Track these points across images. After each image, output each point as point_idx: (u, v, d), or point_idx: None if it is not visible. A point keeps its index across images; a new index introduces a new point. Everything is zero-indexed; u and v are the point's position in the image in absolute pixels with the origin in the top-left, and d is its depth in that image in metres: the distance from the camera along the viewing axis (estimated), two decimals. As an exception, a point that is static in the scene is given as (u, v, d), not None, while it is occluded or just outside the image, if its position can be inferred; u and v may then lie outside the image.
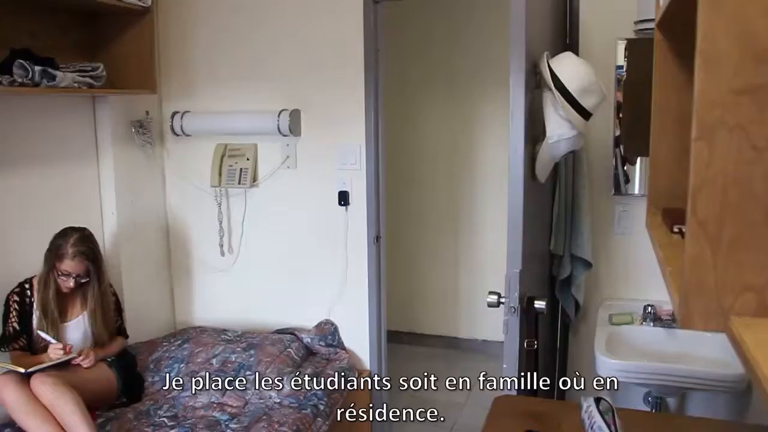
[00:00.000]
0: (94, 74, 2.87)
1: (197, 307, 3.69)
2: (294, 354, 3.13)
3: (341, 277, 3.33)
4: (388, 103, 3.30)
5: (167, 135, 3.54)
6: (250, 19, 3.32)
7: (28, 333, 2.70)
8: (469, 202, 4.64)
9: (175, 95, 3.50)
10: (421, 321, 4.87)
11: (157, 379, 3.01)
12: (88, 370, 2.69)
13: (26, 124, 2.90)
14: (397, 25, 4.17)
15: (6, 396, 2.47)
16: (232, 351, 3.09)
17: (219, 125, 3.40)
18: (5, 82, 2.51)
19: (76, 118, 3.17)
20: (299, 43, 3.24)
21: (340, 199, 3.26)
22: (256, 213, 3.46)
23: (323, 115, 3.26)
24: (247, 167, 3.35)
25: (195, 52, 3.45)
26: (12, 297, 2.71)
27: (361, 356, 3.38)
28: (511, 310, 1.96)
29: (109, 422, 2.66)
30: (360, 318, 3.33)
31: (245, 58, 3.36)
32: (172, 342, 3.25)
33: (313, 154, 3.30)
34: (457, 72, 4.52)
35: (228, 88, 3.41)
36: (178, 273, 3.70)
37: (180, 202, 3.62)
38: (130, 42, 3.10)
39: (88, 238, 2.74)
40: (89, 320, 2.78)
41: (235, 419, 2.71)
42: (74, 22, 3.06)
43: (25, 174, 2.91)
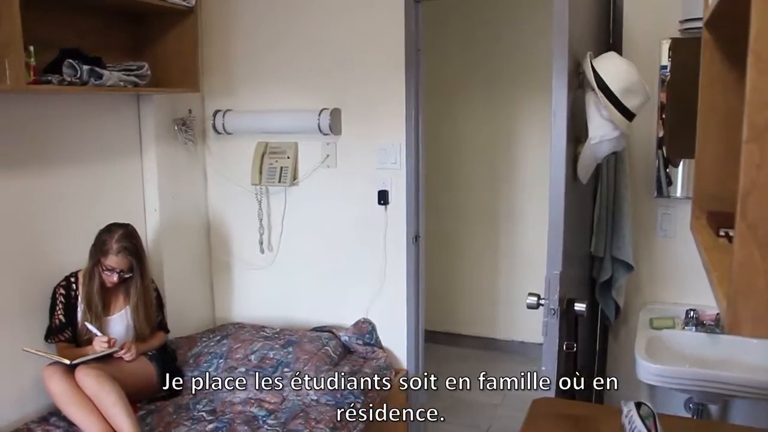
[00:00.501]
0: (139, 73, 2.92)
1: (236, 303, 3.73)
2: (331, 352, 3.15)
3: (380, 276, 3.33)
4: (427, 102, 3.29)
5: (209, 133, 3.59)
6: (292, 19, 3.34)
7: (73, 325, 2.77)
8: (509, 203, 4.62)
9: (218, 94, 3.54)
10: (459, 321, 4.85)
11: (196, 373, 3.05)
12: (130, 364, 2.74)
13: (73, 122, 2.97)
14: (437, 25, 4.16)
15: (52, 386, 2.54)
16: (271, 348, 3.12)
17: (260, 124, 3.43)
18: (55, 81, 2.57)
19: (121, 116, 3.23)
20: (340, 42, 3.26)
21: (379, 198, 3.26)
22: (295, 211, 3.48)
23: (363, 114, 3.27)
24: (288, 166, 3.38)
25: (237, 50, 3.49)
26: (58, 290, 2.78)
27: (398, 355, 3.38)
28: (551, 311, 1.95)
29: (149, 415, 2.71)
30: (398, 317, 3.33)
31: (286, 57, 3.39)
32: (211, 338, 3.29)
33: (353, 153, 3.32)
34: (497, 72, 4.50)
35: (269, 86, 3.44)
36: (218, 270, 3.75)
37: (221, 200, 3.66)
38: (174, 41, 3.15)
39: (132, 234, 2.79)
40: (132, 314, 2.83)
41: (273, 415, 2.74)
42: (120, 22, 3.12)
43: (72, 170, 2.97)
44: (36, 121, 2.79)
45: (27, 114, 2.75)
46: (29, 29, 2.29)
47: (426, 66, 3.25)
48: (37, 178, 2.81)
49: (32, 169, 2.78)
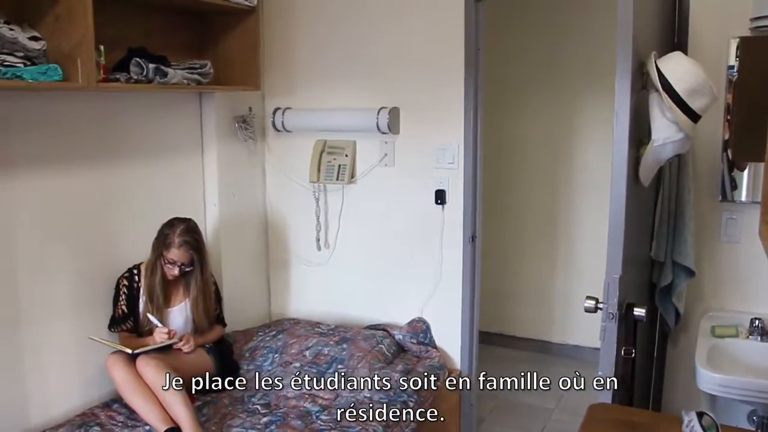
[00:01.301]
0: (202, 71, 2.99)
1: (292, 299, 3.78)
2: (385, 350, 3.16)
3: (435, 276, 3.33)
4: (485, 101, 3.27)
5: (269, 130, 3.65)
6: (352, 18, 3.37)
7: (135, 316, 2.85)
8: (567, 205, 4.55)
9: (277, 92, 3.59)
10: (513, 323, 4.81)
11: (251, 367, 3.10)
12: (188, 355, 2.81)
13: (138, 119, 3.05)
14: (497, 23, 4.13)
15: (115, 374, 2.63)
16: (325, 344, 3.15)
17: (319, 122, 3.47)
18: (122, 79, 2.65)
19: (184, 113, 3.31)
20: (400, 41, 3.27)
21: (436, 198, 3.26)
22: (352, 209, 3.51)
23: (422, 114, 3.27)
24: (346, 164, 3.40)
25: (297, 49, 3.53)
26: (122, 281, 2.86)
27: (452, 355, 3.38)
28: (609, 316, 1.91)
29: (206, 406, 2.77)
30: (452, 317, 3.32)
31: (346, 56, 3.41)
32: (267, 332, 3.34)
33: (410, 152, 3.32)
34: (558, 72, 4.44)
35: (328, 85, 3.47)
36: (275, 265, 3.80)
37: (279, 197, 3.71)
38: (236, 40, 3.20)
39: (194, 229, 2.85)
40: (191, 307, 2.89)
41: (326, 411, 2.76)
42: (185, 21, 3.19)
43: (136, 166, 3.06)
44: (104, 117, 2.88)
45: (96, 111, 2.84)
46: (99, 30, 2.37)
47: (485, 65, 3.23)
48: (104, 172, 2.90)
49: (99, 163, 2.87)
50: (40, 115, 2.60)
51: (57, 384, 2.75)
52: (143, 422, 2.59)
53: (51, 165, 2.67)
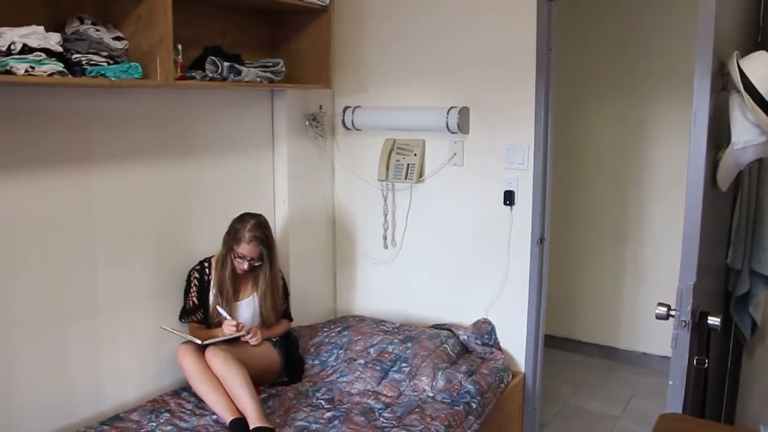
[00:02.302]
0: (275, 69, 3.04)
1: (358, 296, 3.80)
2: (450, 350, 3.15)
3: (502, 277, 3.30)
4: (555, 101, 3.22)
5: (338, 129, 3.68)
6: (422, 17, 3.37)
7: (205, 308, 2.92)
8: (637, 208, 4.44)
9: (348, 90, 3.62)
10: (579, 327, 4.72)
11: (316, 362, 3.13)
12: (255, 348, 2.86)
13: (212, 116, 3.13)
14: (568, 22, 4.06)
15: (185, 363, 2.70)
16: (390, 342, 3.16)
17: (388, 120, 3.48)
18: (198, 77, 2.73)
19: (256, 110, 3.37)
20: (470, 40, 3.25)
21: (505, 199, 3.23)
22: (420, 208, 3.51)
23: (492, 114, 3.24)
24: (414, 163, 3.40)
25: (368, 48, 3.55)
26: (193, 273, 2.94)
27: (517, 358, 3.34)
28: (682, 324, 1.86)
29: (271, 398, 2.81)
30: (518, 320, 3.29)
31: (416, 55, 3.41)
32: (332, 328, 3.37)
33: (480, 152, 3.30)
34: (630, 72, 4.33)
35: (398, 84, 3.48)
36: (341, 262, 3.83)
37: (347, 194, 3.74)
38: (308, 39, 3.25)
39: (264, 225, 2.90)
40: (259, 301, 2.95)
41: (389, 409, 2.77)
42: (258, 21, 3.26)
43: (209, 161, 3.13)
44: (179, 114, 2.96)
45: (172, 108, 2.93)
46: (177, 29, 2.45)
47: (558, 65, 3.18)
48: (178, 167, 2.98)
49: (174, 159, 2.96)
50: (119, 112, 2.70)
51: (130, 370, 2.85)
52: (210, 411, 2.66)
53: (128, 160, 2.76)
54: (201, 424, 2.60)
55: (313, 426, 2.60)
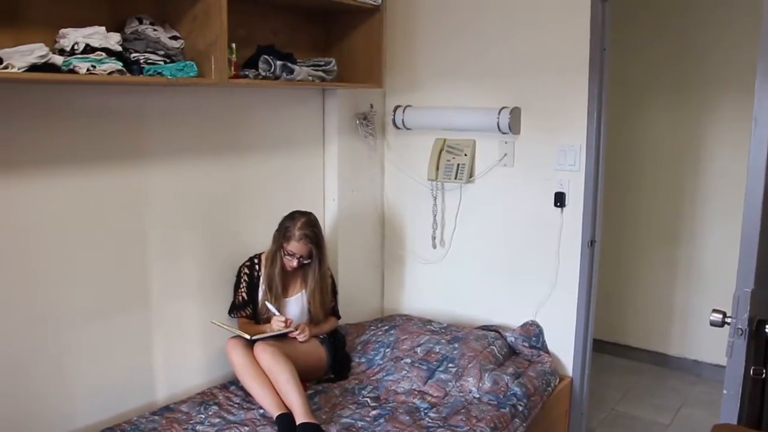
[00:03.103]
0: (327, 68, 3.06)
1: (405, 295, 3.81)
2: (497, 352, 3.13)
3: (551, 280, 3.27)
4: (608, 102, 3.17)
5: (388, 128, 3.69)
6: (475, 17, 3.35)
7: (254, 303, 2.96)
8: (693, 210, 4.33)
9: (398, 89, 3.63)
10: (628, 332, 4.63)
11: (363, 360, 3.15)
12: (303, 344, 2.89)
13: (264, 114, 3.17)
14: (622, 21, 3.98)
15: (233, 358, 2.74)
16: (437, 342, 3.15)
17: (439, 120, 3.47)
18: (251, 76, 2.77)
19: (307, 109, 3.40)
20: (523, 40, 3.22)
21: (556, 200, 3.19)
22: (469, 209, 3.49)
23: (543, 114, 3.21)
24: (464, 163, 3.39)
25: (419, 48, 3.55)
26: (243, 269, 2.98)
27: (564, 361, 3.30)
28: (738, 332, 1.81)
29: (317, 395, 2.84)
30: (567, 323, 3.25)
31: (468, 55, 3.40)
32: (379, 327, 3.38)
33: (531, 153, 3.27)
34: (688, 75, 4.23)
35: (449, 83, 3.47)
36: (390, 261, 3.84)
37: (397, 194, 3.75)
38: (360, 38, 3.26)
39: (314, 223, 2.93)
40: (308, 298, 2.98)
41: (435, 409, 2.77)
42: (311, 20, 3.29)
43: (260, 159, 3.18)
44: (232, 112, 3.01)
45: (224, 106, 2.98)
46: (232, 29, 2.48)
47: (611, 64, 3.13)
48: (230, 164, 3.03)
49: (226, 156, 3.01)
50: (174, 109, 2.76)
51: (181, 363, 2.91)
52: (258, 405, 2.69)
53: (182, 156, 2.82)
54: (248, 417, 2.64)
55: (359, 423, 2.62)
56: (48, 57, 2.04)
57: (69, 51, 2.13)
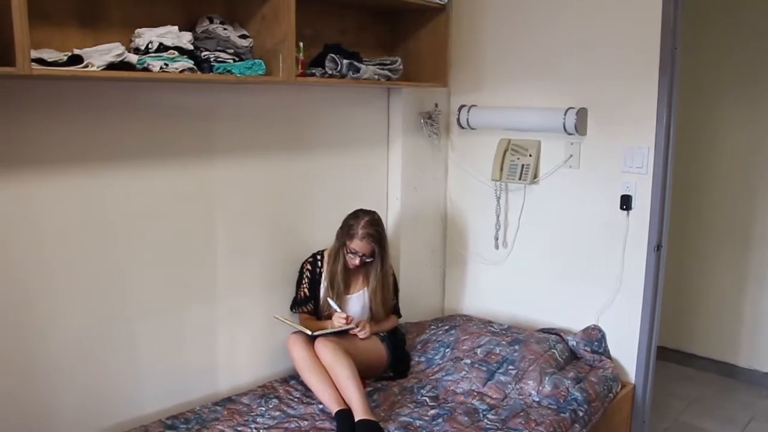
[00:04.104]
0: (392, 67, 3.08)
1: (466, 295, 3.80)
2: (558, 355, 3.09)
3: (615, 284, 3.20)
4: (679, 102, 3.08)
5: (453, 127, 3.68)
6: (541, 15, 3.31)
7: (316, 299, 3.00)
8: (764, 215, 4.16)
9: (463, 89, 3.61)
10: (694, 340, 4.49)
11: (423, 359, 3.15)
12: (363, 342, 2.91)
13: (329, 112, 3.20)
14: (693, 20, 3.86)
15: (294, 352, 2.78)
16: (497, 343, 3.13)
17: (504, 120, 3.45)
18: (318, 74, 2.80)
19: (372, 107, 3.42)
20: (591, 39, 3.16)
21: (621, 203, 3.13)
22: (533, 210, 3.45)
23: (611, 115, 3.15)
24: (529, 163, 3.36)
25: (485, 47, 3.53)
26: (306, 265, 3.02)
27: (627, 368, 3.23)
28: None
29: (376, 392, 2.85)
30: (630, 328, 3.18)
31: (534, 54, 3.36)
32: (439, 326, 3.38)
33: (597, 154, 3.21)
34: (761, 71, 4.06)
35: (515, 83, 3.44)
36: (451, 261, 3.83)
37: (460, 193, 3.74)
38: (426, 37, 3.27)
39: (377, 222, 2.94)
40: (369, 296, 3.00)
41: (493, 410, 2.75)
42: (377, 19, 3.31)
43: (325, 156, 3.21)
44: (298, 110, 3.05)
45: (291, 103, 3.02)
46: (299, 27, 2.52)
47: (681, 63, 3.04)
48: (295, 161, 3.07)
49: (291, 153, 3.05)
50: (241, 107, 2.81)
51: (243, 355, 2.97)
52: (317, 400, 2.72)
53: (248, 152, 2.87)
54: (307, 412, 2.67)
55: (417, 422, 2.62)
56: (124, 56, 2.12)
57: (143, 50, 2.21)
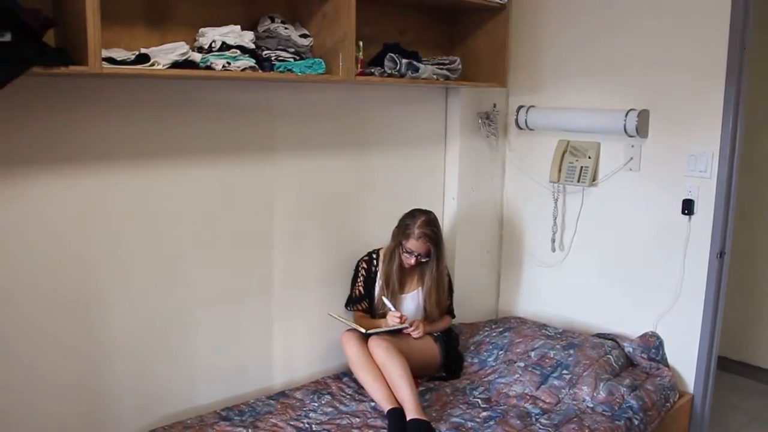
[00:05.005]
0: (451, 67, 3.07)
1: (521, 298, 3.76)
2: (613, 361, 3.03)
3: (674, 290, 3.13)
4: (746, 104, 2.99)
5: (511, 128, 3.65)
6: (603, 15, 3.26)
7: (370, 298, 3.01)
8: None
9: (522, 89, 3.58)
10: (758, 351, 4.34)
11: (476, 360, 3.14)
12: (417, 341, 2.91)
13: (387, 111, 3.22)
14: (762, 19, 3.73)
15: (348, 350, 2.80)
16: (552, 347, 3.10)
17: (563, 121, 3.40)
18: (377, 73, 2.82)
19: (430, 107, 3.42)
20: (654, 39, 3.10)
21: (683, 208, 3.06)
22: (591, 213, 3.40)
23: (674, 117, 3.08)
24: (588, 165, 3.31)
25: (545, 47, 3.49)
26: (361, 264, 3.04)
27: (686, 378, 3.16)
28: None
29: (428, 392, 2.85)
30: (690, 337, 3.11)
31: (595, 55, 3.31)
32: (493, 328, 3.36)
33: (658, 157, 3.14)
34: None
35: (575, 84, 3.40)
36: (507, 263, 3.80)
37: (517, 195, 3.71)
38: (485, 37, 3.25)
39: (434, 222, 2.94)
40: (424, 296, 3.00)
41: (546, 415, 2.72)
42: (436, 19, 3.30)
43: (382, 155, 3.23)
44: (356, 108, 3.08)
45: (349, 102, 3.04)
46: (359, 27, 2.54)
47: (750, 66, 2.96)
48: (353, 160, 3.10)
49: (349, 151, 3.08)
50: (299, 105, 2.85)
51: (298, 350, 3.01)
52: (369, 398, 2.74)
53: (306, 150, 2.91)
54: (359, 409, 2.69)
55: (468, 424, 2.61)
56: (188, 54, 2.17)
57: (207, 49, 2.26)
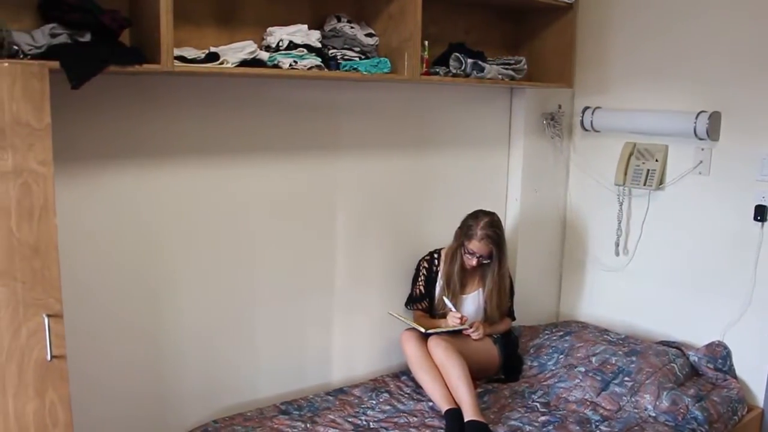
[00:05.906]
0: (516, 67, 3.05)
1: (583, 302, 3.70)
2: (677, 370, 2.96)
3: (744, 299, 3.04)
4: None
5: (576, 129, 3.60)
6: (673, 15, 3.18)
7: (430, 297, 3.01)
8: None
9: (588, 90, 3.52)
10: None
11: (535, 364, 3.10)
12: (476, 342, 2.90)
13: (451, 111, 3.21)
14: None
15: (407, 349, 2.81)
16: (613, 353, 3.04)
17: (630, 123, 3.33)
18: (442, 73, 2.82)
19: (494, 107, 3.40)
20: (727, 40, 3.01)
21: (756, 214, 2.96)
22: (657, 217, 3.32)
23: (746, 120, 2.98)
24: (655, 168, 3.24)
25: (612, 47, 3.43)
26: (422, 263, 3.04)
27: (755, 390, 3.06)
28: None
29: (486, 394, 2.84)
30: (761, 348, 3.01)
31: (664, 56, 3.23)
32: (553, 332, 3.32)
33: (730, 161, 3.05)
34: None
35: (643, 85, 3.32)
36: (569, 266, 3.75)
37: (581, 197, 3.65)
38: (551, 37, 3.22)
39: (497, 224, 2.92)
40: (484, 297, 2.98)
41: (606, 422, 2.67)
42: (502, 18, 3.29)
43: (445, 155, 3.22)
44: (420, 107, 3.08)
45: (413, 101, 3.06)
46: (424, 26, 2.55)
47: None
48: (416, 158, 3.10)
49: (413, 150, 3.09)
50: (364, 103, 2.87)
51: (357, 348, 3.04)
52: (427, 398, 2.74)
53: (370, 148, 2.93)
54: (417, 408, 2.70)
55: (527, 428, 2.59)
56: (256, 53, 2.21)
57: (274, 47, 2.30)
